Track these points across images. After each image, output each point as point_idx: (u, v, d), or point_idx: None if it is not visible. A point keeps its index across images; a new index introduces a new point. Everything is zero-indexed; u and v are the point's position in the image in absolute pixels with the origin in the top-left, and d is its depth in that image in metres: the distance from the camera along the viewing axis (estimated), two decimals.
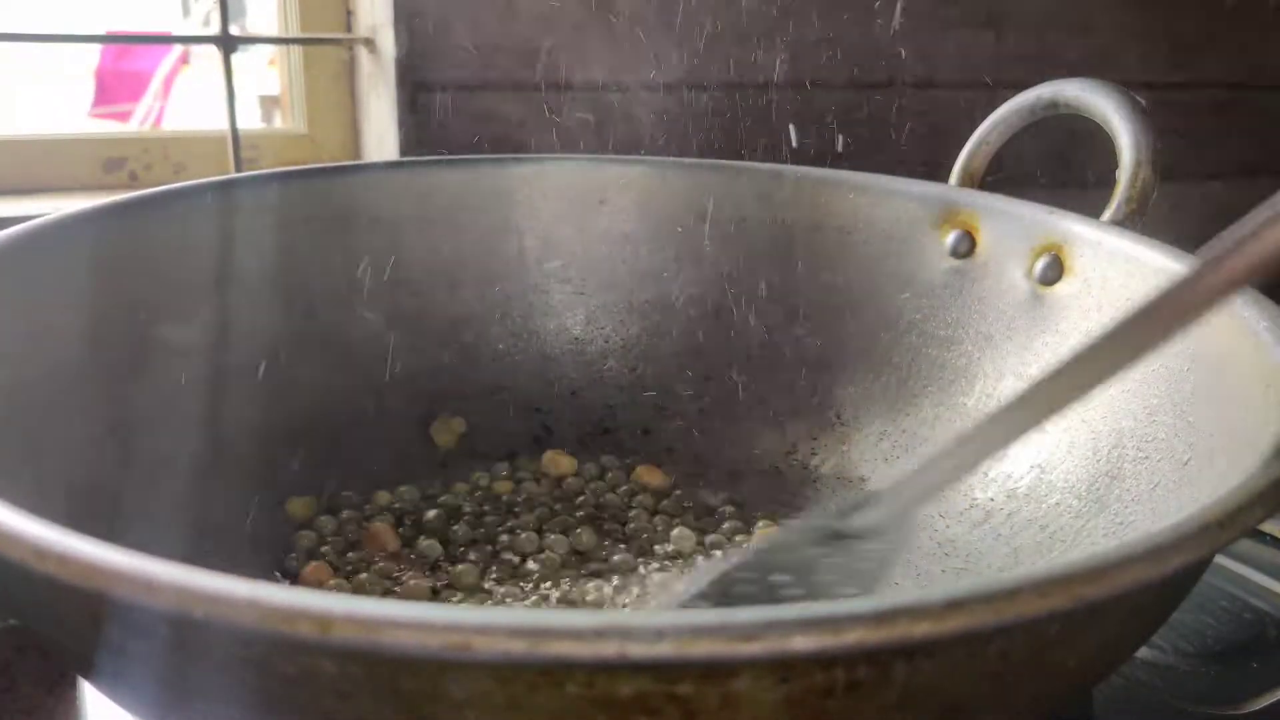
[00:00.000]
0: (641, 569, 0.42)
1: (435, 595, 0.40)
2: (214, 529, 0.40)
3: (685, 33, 0.64)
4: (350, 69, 0.66)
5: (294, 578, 0.41)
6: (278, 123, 0.79)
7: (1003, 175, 0.49)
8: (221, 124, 0.60)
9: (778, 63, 0.66)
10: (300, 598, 0.17)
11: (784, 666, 0.18)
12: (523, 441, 0.49)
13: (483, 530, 0.43)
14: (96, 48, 2.39)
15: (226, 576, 0.17)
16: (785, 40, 0.66)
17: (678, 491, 0.47)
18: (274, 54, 0.69)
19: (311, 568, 0.40)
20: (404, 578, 0.40)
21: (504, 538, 0.43)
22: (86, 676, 0.25)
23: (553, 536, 0.43)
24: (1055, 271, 0.42)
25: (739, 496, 0.46)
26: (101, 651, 0.21)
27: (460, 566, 0.41)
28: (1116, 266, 0.40)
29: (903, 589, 0.41)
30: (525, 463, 0.48)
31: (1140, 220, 0.42)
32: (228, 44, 0.59)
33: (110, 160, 0.63)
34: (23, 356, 0.34)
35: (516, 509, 0.45)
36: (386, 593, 0.40)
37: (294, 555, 0.42)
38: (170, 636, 0.19)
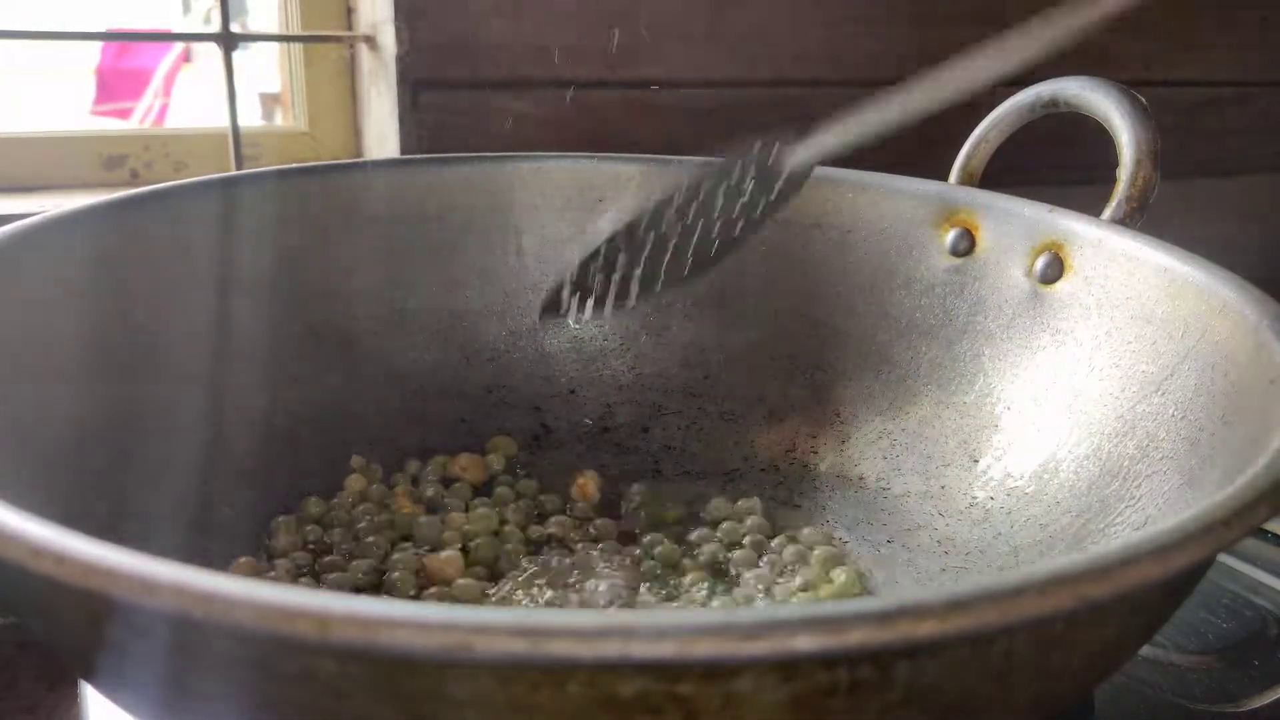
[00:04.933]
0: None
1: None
2: (214, 529, 0.40)
3: (685, 31, 0.64)
4: (351, 67, 0.65)
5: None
6: (278, 120, 0.79)
7: (1003, 166, 0.49)
8: (222, 122, 0.60)
9: (778, 62, 0.66)
10: (299, 597, 0.17)
11: (787, 666, 0.18)
12: (521, 440, 0.49)
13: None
14: (98, 45, 2.38)
15: (225, 576, 0.17)
16: (785, 39, 0.66)
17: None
18: (275, 51, 0.69)
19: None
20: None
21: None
22: (85, 677, 0.25)
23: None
24: (1055, 270, 0.42)
25: (738, 495, 0.46)
26: (100, 652, 0.21)
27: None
28: (1117, 265, 0.40)
29: (905, 589, 0.41)
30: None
31: (1141, 218, 0.42)
32: (228, 41, 0.58)
33: (111, 158, 0.63)
34: (21, 354, 0.34)
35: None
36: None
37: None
38: (169, 636, 0.19)
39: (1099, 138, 0.44)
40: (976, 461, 0.43)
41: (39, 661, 0.39)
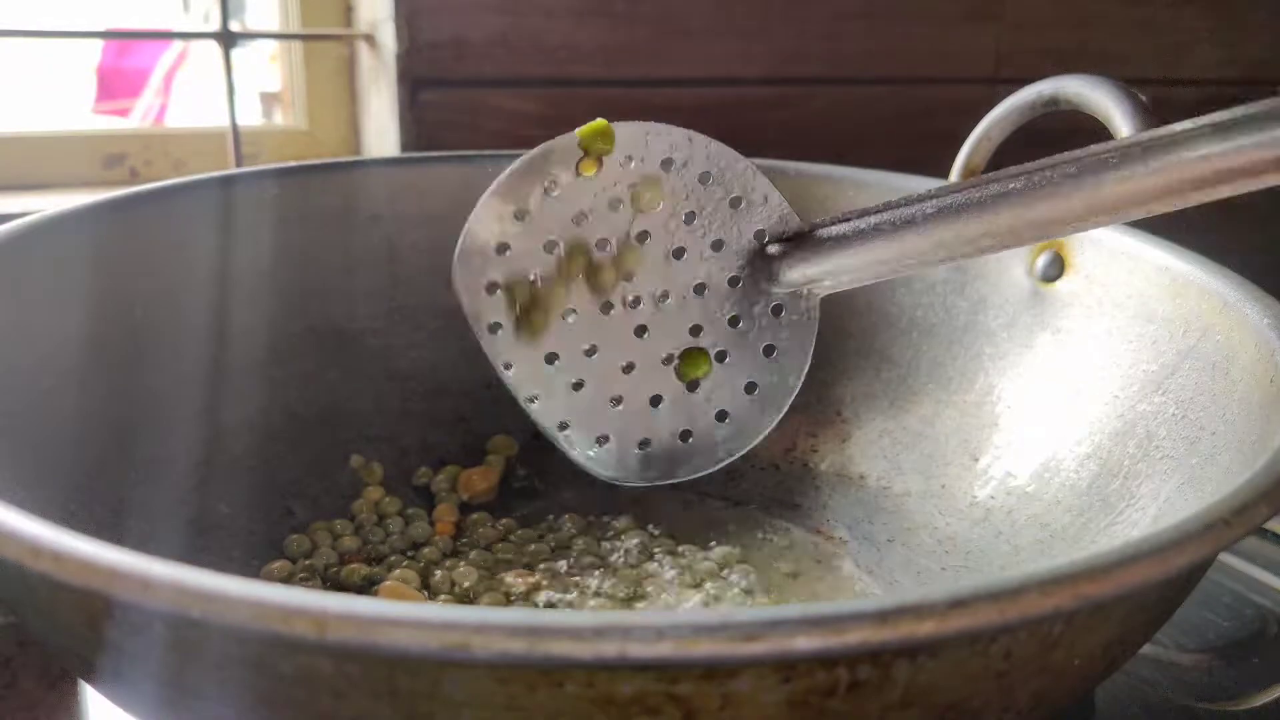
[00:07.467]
0: None
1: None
2: (213, 528, 0.40)
3: (684, 29, 0.64)
4: (350, 65, 0.65)
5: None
6: (278, 119, 0.79)
7: (1004, 165, 0.49)
8: (222, 120, 0.60)
9: (778, 60, 0.66)
10: (297, 597, 0.17)
11: (786, 666, 0.18)
12: (522, 439, 0.49)
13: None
14: (98, 44, 2.38)
15: (223, 575, 0.17)
16: (784, 37, 0.66)
17: None
18: (274, 50, 0.69)
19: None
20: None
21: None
22: (84, 677, 0.25)
23: None
24: (1056, 268, 0.42)
25: (737, 494, 0.46)
26: (99, 651, 0.21)
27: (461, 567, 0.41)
28: (1118, 263, 0.40)
29: (905, 588, 0.41)
30: None
31: None
32: (227, 40, 0.58)
33: (110, 156, 0.63)
34: (20, 353, 0.34)
35: None
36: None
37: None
38: (167, 636, 0.19)
39: (1099, 136, 0.43)
40: (977, 460, 0.43)
41: (39, 661, 0.39)
